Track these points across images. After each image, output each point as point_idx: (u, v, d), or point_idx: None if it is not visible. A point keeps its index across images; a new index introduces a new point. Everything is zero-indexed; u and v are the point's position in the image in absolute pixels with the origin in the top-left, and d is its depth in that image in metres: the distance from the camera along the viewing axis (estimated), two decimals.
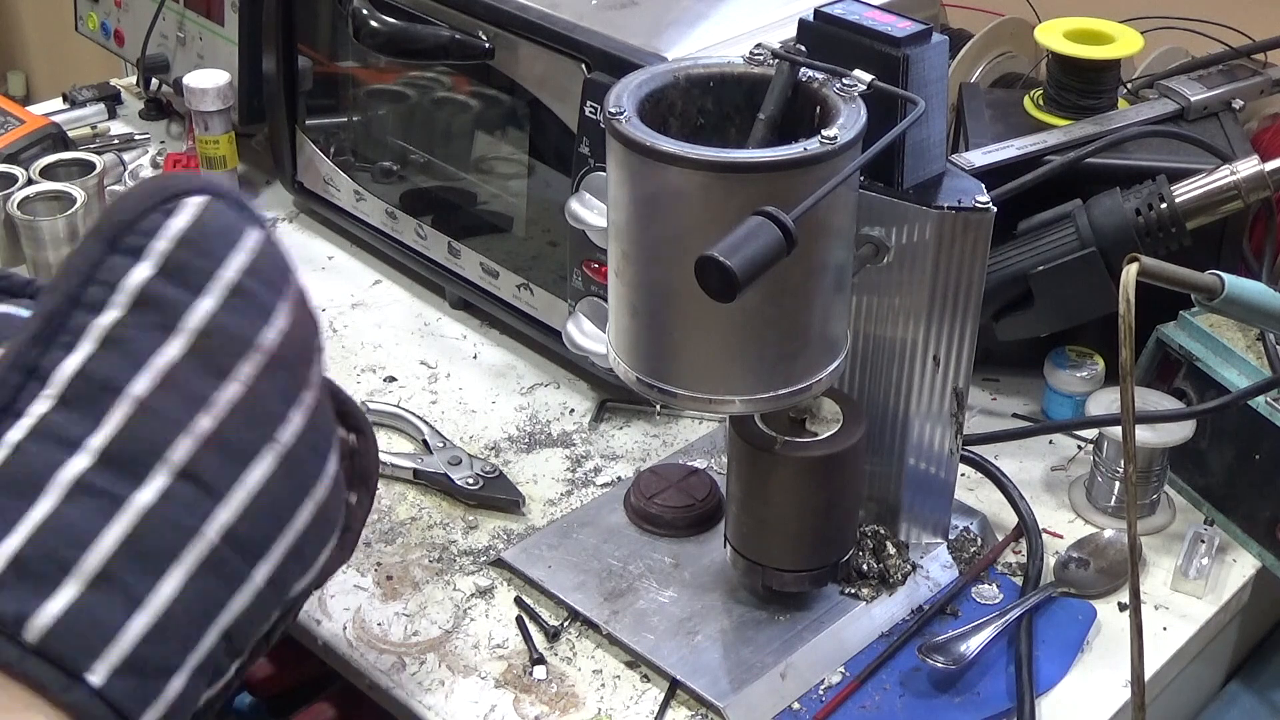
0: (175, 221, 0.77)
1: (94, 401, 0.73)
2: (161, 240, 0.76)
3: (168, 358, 0.75)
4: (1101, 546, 1.07)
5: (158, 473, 0.73)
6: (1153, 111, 1.22)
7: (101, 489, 0.71)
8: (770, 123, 0.88)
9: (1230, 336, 1.10)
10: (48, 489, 0.70)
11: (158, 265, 0.76)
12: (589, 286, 1.17)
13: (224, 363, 0.77)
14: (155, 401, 0.74)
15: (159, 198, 0.78)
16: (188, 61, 1.58)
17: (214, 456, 0.75)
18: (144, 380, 0.74)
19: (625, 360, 0.90)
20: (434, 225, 1.34)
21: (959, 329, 0.95)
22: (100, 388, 0.73)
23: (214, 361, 0.76)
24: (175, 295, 0.76)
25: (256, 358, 0.78)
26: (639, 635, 0.97)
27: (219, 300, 0.77)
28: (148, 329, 0.75)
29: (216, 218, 0.79)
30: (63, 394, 0.72)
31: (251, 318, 0.78)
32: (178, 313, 0.76)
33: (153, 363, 0.74)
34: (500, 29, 1.19)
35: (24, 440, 0.71)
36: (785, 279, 0.81)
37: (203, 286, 0.77)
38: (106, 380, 0.73)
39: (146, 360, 0.74)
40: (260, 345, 0.78)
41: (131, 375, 0.74)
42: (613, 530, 1.06)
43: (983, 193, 0.92)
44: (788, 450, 0.93)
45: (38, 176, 1.42)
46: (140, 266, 0.75)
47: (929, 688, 0.96)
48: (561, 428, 1.21)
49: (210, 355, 0.76)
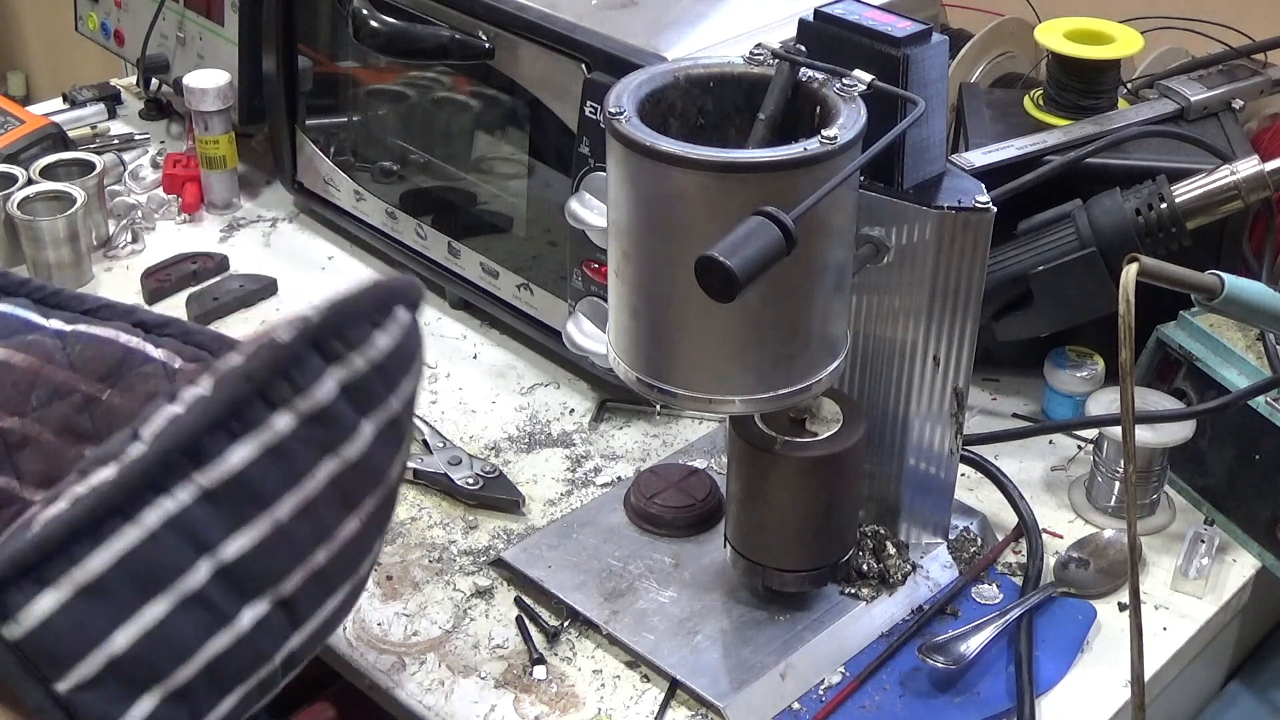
0: (380, 339, 0.76)
1: (239, 509, 0.71)
2: (360, 358, 0.75)
3: (316, 483, 0.74)
4: (1101, 546, 1.07)
5: (264, 599, 0.73)
6: (1153, 111, 1.22)
7: (214, 604, 0.71)
8: (770, 123, 0.88)
9: (1230, 336, 1.10)
10: (168, 591, 0.69)
11: (346, 383, 0.75)
12: (589, 286, 1.17)
13: (355, 496, 0.77)
14: (291, 528, 0.73)
15: (375, 306, 0.77)
16: (188, 61, 1.58)
17: (313, 589, 0.75)
18: (289, 504, 0.73)
19: (625, 360, 0.90)
20: (434, 225, 1.34)
21: (959, 329, 0.95)
22: (250, 498, 0.72)
23: (349, 494, 0.76)
24: (348, 420, 0.75)
25: (380, 491, 0.79)
26: (639, 635, 0.97)
27: (376, 430, 0.77)
28: (312, 447, 0.74)
29: (409, 339, 0.78)
30: (213, 490, 0.71)
31: (391, 449, 0.79)
32: (341, 438, 0.75)
33: (303, 486, 0.73)
34: (500, 29, 1.19)
35: (161, 529, 0.69)
36: (785, 279, 0.81)
37: (372, 414, 0.76)
38: (258, 493, 0.72)
39: (299, 481, 0.73)
40: (387, 479, 0.79)
41: (280, 494, 0.73)
42: (613, 530, 1.06)
43: (983, 193, 0.92)
44: (788, 450, 0.93)
45: (38, 176, 1.42)
46: (331, 380, 0.74)
47: (929, 688, 0.96)
48: (561, 428, 1.21)
49: (349, 487, 0.76)
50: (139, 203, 1.53)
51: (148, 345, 0.90)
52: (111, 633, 0.67)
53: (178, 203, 1.53)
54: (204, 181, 1.52)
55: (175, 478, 0.69)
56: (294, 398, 0.73)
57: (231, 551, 0.71)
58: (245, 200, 1.56)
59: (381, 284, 0.77)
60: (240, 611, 0.71)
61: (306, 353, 0.73)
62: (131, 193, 1.55)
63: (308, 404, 0.73)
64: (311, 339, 0.73)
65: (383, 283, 0.78)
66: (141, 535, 0.68)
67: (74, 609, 0.66)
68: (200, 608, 0.70)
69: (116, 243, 1.46)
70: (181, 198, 1.53)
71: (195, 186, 1.53)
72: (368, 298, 0.76)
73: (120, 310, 0.93)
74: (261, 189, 1.58)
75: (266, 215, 1.54)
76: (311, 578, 0.75)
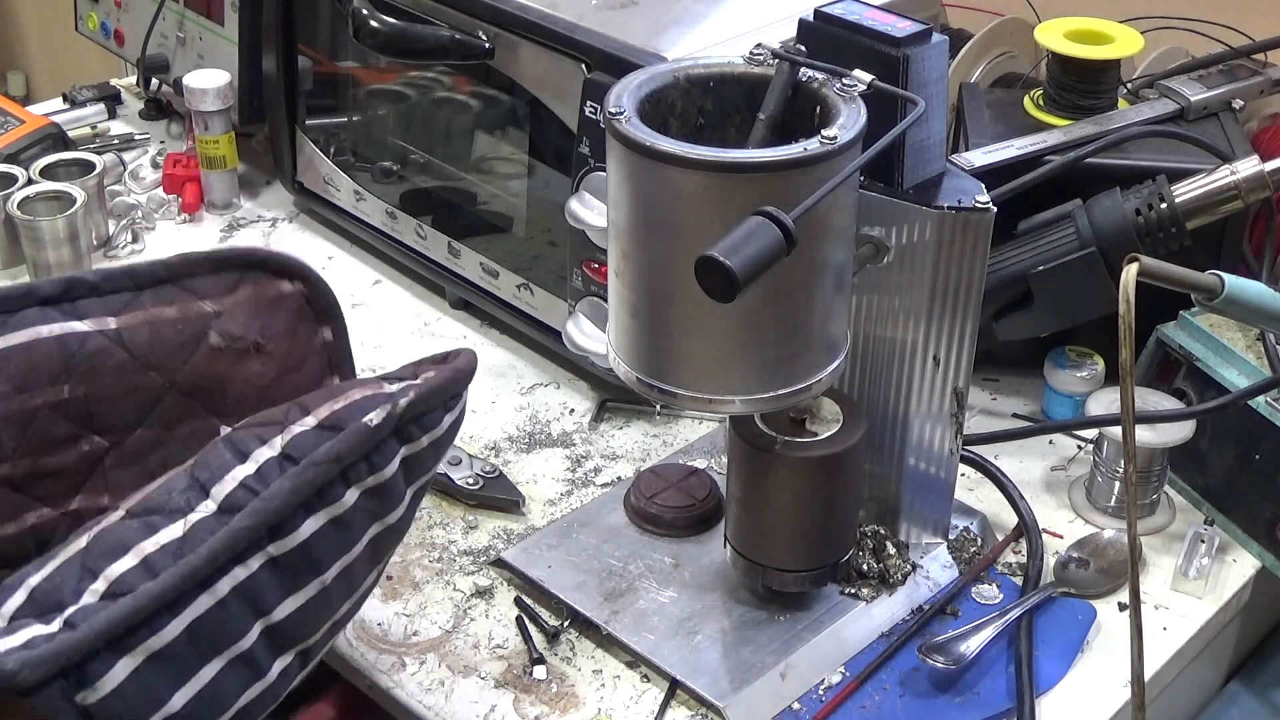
0: (446, 419, 0.79)
1: (297, 575, 0.74)
2: (427, 438, 0.78)
3: (360, 547, 0.77)
4: (1101, 546, 1.07)
5: (293, 650, 0.75)
6: (1153, 111, 1.22)
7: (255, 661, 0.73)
8: (770, 123, 0.88)
9: (1230, 336, 1.10)
10: (224, 653, 0.71)
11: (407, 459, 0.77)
12: (589, 286, 1.17)
13: (384, 552, 0.80)
14: (332, 589, 0.76)
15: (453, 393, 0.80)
16: (188, 61, 1.58)
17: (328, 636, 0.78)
18: (336, 568, 0.75)
19: (625, 360, 0.90)
20: (434, 225, 1.34)
21: (959, 329, 0.95)
22: (308, 566, 0.74)
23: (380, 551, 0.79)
24: (398, 491, 0.78)
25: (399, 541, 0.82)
26: (639, 635, 0.97)
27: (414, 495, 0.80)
28: (368, 517, 0.77)
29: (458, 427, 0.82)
30: (280, 558, 0.73)
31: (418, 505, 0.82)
32: (389, 508, 0.78)
33: (351, 551, 0.76)
34: (500, 29, 1.19)
35: (230, 596, 0.71)
36: (785, 279, 0.81)
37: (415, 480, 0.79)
38: (317, 561, 0.74)
39: (350, 549, 0.76)
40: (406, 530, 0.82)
41: (334, 561, 0.75)
42: (613, 530, 1.06)
43: (983, 193, 0.92)
44: (788, 450, 0.93)
45: (38, 176, 1.43)
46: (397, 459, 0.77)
47: (929, 688, 0.96)
48: (561, 428, 1.21)
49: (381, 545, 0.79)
50: (139, 203, 1.53)
51: (71, 322, 0.87)
52: (172, 695, 0.69)
53: (178, 203, 1.53)
54: (204, 181, 1.52)
55: (254, 550, 0.72)
56: (365, 476, 0.75)
57: (282, 613, 0.73)
58: (245, 200, 1.56)
59: (458, 371, 0.80)
60: (273, 664, 0.74)
61: (388, 435, 0.76)
62: (131, 193, 1.55)
63: (372, 481, 0.76)
64: (398, 425, 0.76)
65: (460, 369, 0.80)
66: (212, 603, 0.70)
67: (143, 674, 0.68)
68: (245, 665, 0.72)
69: (116, 243, 1.46)
70: (181, 198, 1.53)
71: (195, 186, 1.53)
72: (448, 385, 0.79)
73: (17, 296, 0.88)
74: (261, 189, 1.58)
75: (266, 215, 1.54)
76: (331, 627, 0.78)
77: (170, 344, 0.88)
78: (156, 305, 0.89)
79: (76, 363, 0.86)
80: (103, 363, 0.87)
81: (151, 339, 0.88)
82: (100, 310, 0.88)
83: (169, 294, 0.89)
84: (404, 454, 0.77)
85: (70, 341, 0.86)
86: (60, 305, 0.88)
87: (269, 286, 0.90)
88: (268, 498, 0.72)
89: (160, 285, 0.89)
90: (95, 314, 0.88)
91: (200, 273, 0.90)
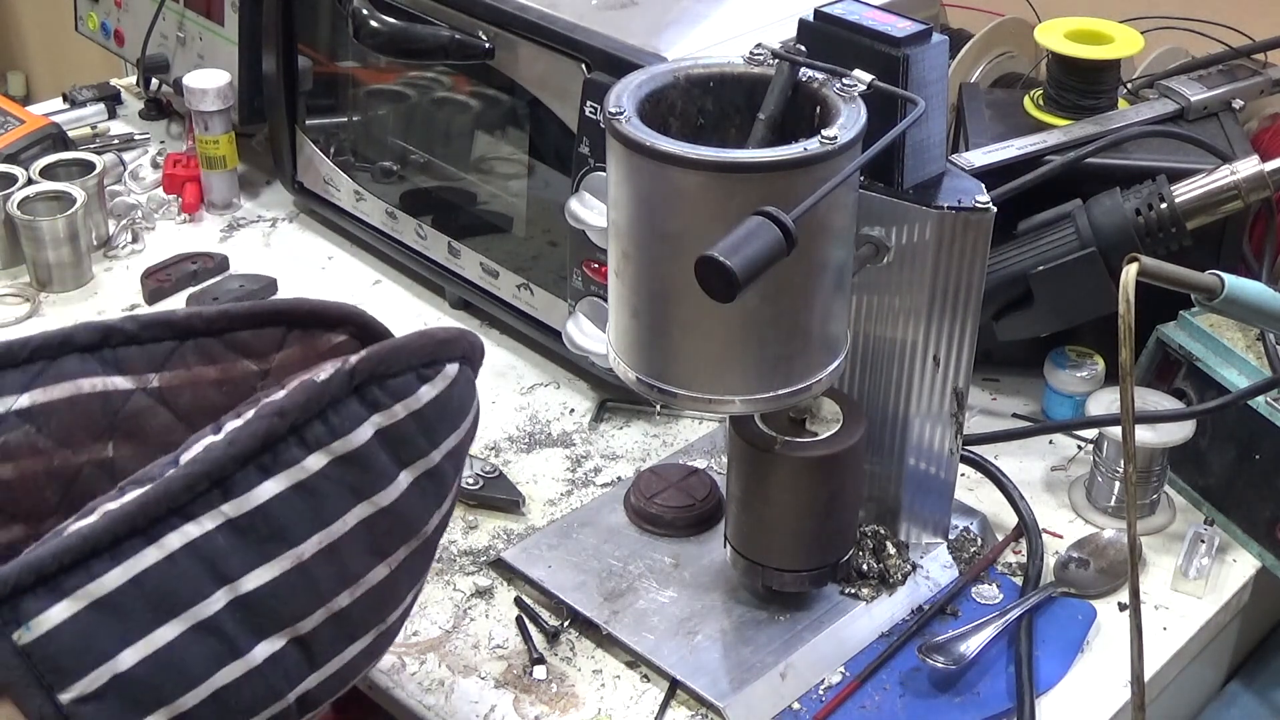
0: (425, 391, 0.76)
1: (262, 544, 0.71)
2: (401, 406, 0.75)
3: (344, 525, 0.74)
4: (1101, 546, 1.07)
5: (280, 635, 0.72)
6: (1153, 111, 1.22)
7: (226, 635, 0.70)
8: (770, 123, 0.88)
9: (1230, 336, 1.10)
10: (181, 616, 0.69)
11: (384, 429, 0.75)
12: (589, 286, 1.17)
13: (386, 544, 0.76)
14: (313, 567, 0.73)
15: (424, 359, 0.76)
16: (188, 61, 1.58)
17: (333, 631, 0.75)
18: (313, 543, 0.73)
19: (625, 360, 0.90)
20: (434, 225, 1.34)
21: (959, 329, 0.95)
22: (273, 533, 0.72)
23: (379, 541, 0.76)
24: (382, 465, 0.75)
25: (413, 542, 0.78)
26: (639, 635, 0.97)
27: (413, 480, 0.76)
28: (342, 488, 0.74)
29: (457, 393, 0.78)
30: (237, 520, 0.71)
31: (429, 502, 0.78)
32: (375, 484, 0.75)
33: (330, 528, 0.73)
34: (500, 29, 1.19)
35: (181, 553, 0.69)
36: (785, 279, 0.81)
37: (410, 463, 0.76)
38: (283, 528, 0.72)
39: (326, 522, 0.73)
40: (423, 532, 0.78)
41: (306, 534, 0.72)
42: (613, 530, 1.06)
43: (983, 193, 0.92)
44: (788, 450, 0.93)
45: (38, 176, 1.43)
46: (368, 425, 0.74)
47: (929, 688, 0.96)
48: (561, 428, 1.21)
49: (379, 533, 0.76)
50: (139, 203, 1.53)
51: (113, 379, 0.85)
52: (120, 651, 0.67)
53: (178, 203, 1.53)
54: (204, 181, 1.52)
55: (201, 505, 0.70)
56: (329, 440, 0.73)
57: (250, 584, 0.71)
58: (245, 200, 1.56)
59: (431, 335, 0.77)
60: (254, 645, 0.71)
61: (345, 396, 0.73)
62: (131, 193, 1.55)
63: (340, 446, 0.73)
64: (351, 383, 0.73)
65: (432, 334, 0.78)
66: (160, 557, 0.68)
67: (84, 622, 0.66)
68: (212, 636, 0.70)
69: (116, 243, 1.46)
70: (181, 198, 1.53)
71: (195, 186, 1.53)
72: (414, 348, 0.76)
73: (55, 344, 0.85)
74: (261, 189, 1.58)
75: (266, 215, 1.54)
76: (332, 619, 0.74)
77: (216, 407, 0.84)
78: (199, 363, 0.86)
79: (120, 421, 0.85)
80: (147, 423, 0.85)
81: (194, 400, 0.85)
82: (142, 363, 0.85)
83: (211, 350, 0.86)
84: (379, 423, 0.74)
85: (114, 400, 0.85)
86: (100, 354, 0.85)
87: (319, 340, 0.87)
88: (209, 448, 0.71)
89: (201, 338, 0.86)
90: (137, 368, 0.85)
91: (241, 328, 0.86)
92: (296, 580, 0.72)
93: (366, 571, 0.76)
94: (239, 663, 0.71)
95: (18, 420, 0.83)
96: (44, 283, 1.39)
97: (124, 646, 0.67)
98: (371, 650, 0.79)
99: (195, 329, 0.86)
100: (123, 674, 0.67)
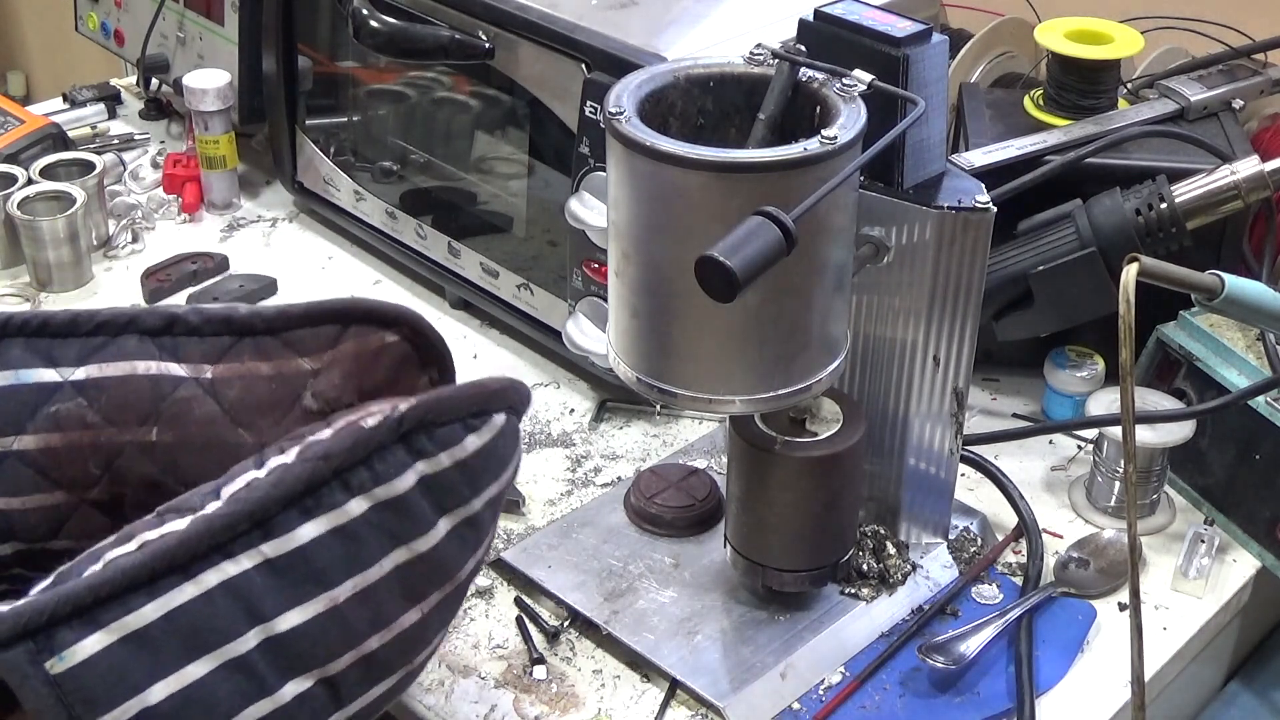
0: (471, 440, 0.76)
1: (298, 585, 0.72)
2: (447, 456, 0.75)
3: (381, 571, 0.74)
4: (1101, 546, 1.07)
5: (310, 676, 0.72)
6: (1153, 111, 1.22)
7: (257, 674, 0.70)
8: (770, 123, 0.88)
9: (1230, 336, 1.10)
10: (213, 653, 0.69)
11: (428, 477, 0.75)
12: (589, 286, 1.17)
13: (420, 589, 0.76)
14: (347, 610, 0.73)
15: (473, 410, 0.77)
16: (188, 61, 1.59)
17: (361, 672, 0.75)
18: (348, 586, 0.73)
19: (625, 360, 0.90)
20: (434, 225, 1.34)
21: (959, 329, 0.95)
22: (310, 575, 0.72)
23: (414, 585, 0.76)
24: (422, 512, 0.75)
25: (447, 587, 0.78)
26: (639, 635, 0.97)
27: (451, 526, 0.77)
28: (381, 534, 0.74)
29: (501, 443, 0.78)
30: (275, 560, 0.71)
31: (466, 549, 0.79)
32: (414, 531, 0.75)
33: (366, 572, 0.73)
34: (500, 29, 1.19)
35: (218, 591, 0.69)
36: (785, 279, 0.81)
37: (450, 511, 0.76)
38: (320, 571, 0.72)
39: (363, 567, 0.73)
40: (457, 576, 0.79)
41: (343, 577, 0.73)
42: (613, 530, 1.06)
43: (983, 193, 0.92)
44: (788, 450, 0.93)
45: (38, 176, 1.43)
46: (411, 472, 0.74)
47: (929, 688, 0.96)
48: (561, 428, 1.21)
49: (414, 579, 0.76)
50: (139, 203, 1.53)
51: (169, 365, 0.86)
52: (150, 685, 0.67)
53: (178, 203, 1.53)
54: (204, 181, 1.52)
55: (241, 545, 0.70)
56: (372, 485, 0.73)
57: (284, 625, 0.71)
58: (245, 200, 1.56)
59: (482, 386, 0.78)
60: (283, 685, 0.71)
61: (391, 444, 0.74)
62: (131, 193, 1.55)
63: (383, 492, 0.73)
64: (399, 430, 0.74)
65: (483, 385, 0.78)
66: (196, 593, 0.69)
67: (117, 654, 0.67)
68: (242, 674, 0.70)
69: (116, 243, 1.46)
70: (181, 198, 1.53)
71: (195, 186, 1.53)
72: (464, 399, 0.76)
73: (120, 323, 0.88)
74: (261, 189, 1.58)
75: (266, 215, 1.54)
76: (361, 661, 0.75)
77: (262, 403, 0.86)
78: (255, 359, 0.86)
79: (166, 407, 0.85)
80: (191, 412, 0.85)
81: (242, 394, 0.86)
82: (199, 354, 0.86)
83: (267, 347, 0.86)
84: (423, 471, 0.75)
85: (164, 385, 0.85)
86: (160, 340, 0.86)
87: (372, 338, 0.87)
88: (252, 488, 0.71)
89: (259, 336, 0.87)
90: (194, 357, 0.86)
91: (298, 326, 0.87)
92: (329, 622, 0.73)
93: (398, 615, 0.76)
94: (267, 700, 0.71)
95: (73, 391, 0.85)
96: (44, 283, 1.39)
97: (154, 681, 0.67)
98: (396, 689, 0.79)
99: (255, 328, 0.87)
100: (151, 708, 0.67)
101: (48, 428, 0.84)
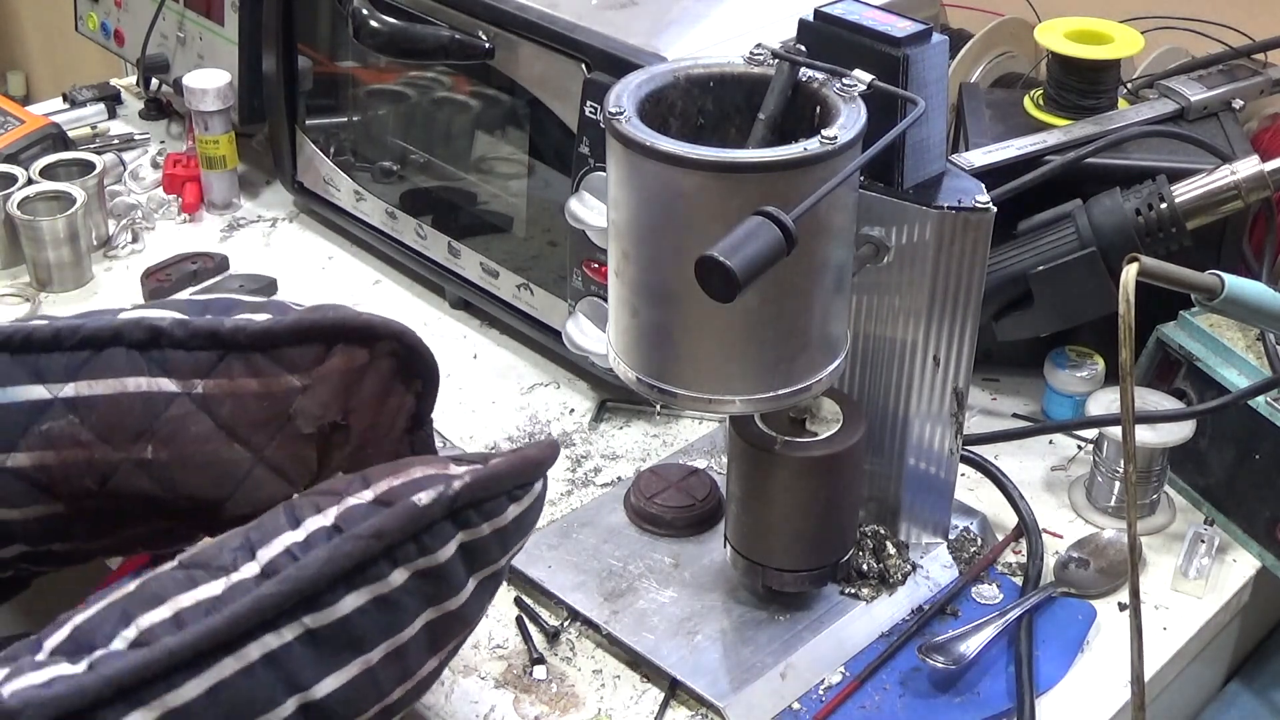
0: (512, 510, 0.77)
1: (337, 653, 0.72)
2: (488, 525, 0.76)
3: (413, 631, 0.75)
4: (1101, 546, 1.07)
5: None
6: (1153, 111, 1.22)
7: None
8: (770, 123, 0.88)
9: (1230, 336, 1.10)
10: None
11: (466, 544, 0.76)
12: (589, 286, 1.17)
13: (443, 640, 0.77)
14: (379, 669, 0.74)
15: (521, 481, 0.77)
16: (188, 61, 1.59)
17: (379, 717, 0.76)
18: (382, 649, 0.73)
19: (625, 360, 0.90)
20: (434, 225, 1.34)
21: (959, 329, 0.95)
22: (350, 643, 0.72)
23: (438, 638, 0.77)
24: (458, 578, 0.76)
25: (464, 633, 0.79)
26: (639, 635, 0.97)
27: (478, 583, 0.78)
28: (419, 599, 0.75)
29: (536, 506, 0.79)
30: (316, 630, 0.71)
31: (486, 598, 0.80)
32: (448, 593, 0.76)
33: (399, 635, 0.74)
34: (500, 29, 1.19)
35: (260, 664, 0.69)
36: (785, 279, 0.81)
37: (478, 570, 0.77)
38: (359, 639, 0.72)
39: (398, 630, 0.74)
40: (472, 622, 0.79)
41: (379, 641, 0.73)
42: (613, 530, 1.06)
43: (983, 193, 0.92)
44: (788, 450, 0.93)
45: (38, 176, 1.43)
46: (454, 542, 0.75)
47: (929, 688, 0.96)
48: (561, 428, 1.21)
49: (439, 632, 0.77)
50: (139, 203, 1.53)
51: (159, 380, 0.85)
52: None
53: (178, 203, 1.53)
54: (204, 181, 1.52)
55: (286, 619, 0.70)
56: (417, 557, 0.74)
57: (321, 691, 0.71)
58: (245, 200, 1.56)
59: (526, 458, 0.78)
60: None
61: (442, 517, 0.74)
62: (131, 193, 1.55)
63: (424, 563, 0.74)
64: (451, 508, 0.74)
65: (526, 456, 0.78)
66: (238, 668, 0.69)
67: None
68: None
69: (116, 243, 1.46)
70: (181, 198, 1.53)
71: (195, 186, 1.53)
72: (514, 473, 0.77)
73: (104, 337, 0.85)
74: (261, 189, 1.58)
75: (266, 215, 1.54)
76: (382, 710, 0.75)
77: (255, 420, 0.85)
78: (243, 375, 0.85)
79: (160, 424, 0.84)
80: (186, 428, 0.85)
81: (234, 411, 0.85)
82: (189, 368, 0.85)
83: (255, 363, 0.86)
84: (462, 539, 0.75)
85: (156, 401, 0.84)
86: (148, 353, 0.85)
87: (359, 354, 0.86)
88: (302, 566, 0.71)
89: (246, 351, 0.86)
90: (184, 372, 0.85)
91: (285, 343, 0.86)
92: (362, 683, 0.73)
93: (420, 666, 0.77)
94: None
95: (64, 408, 0.84)
96: (44, 283, 1.39)
97: None
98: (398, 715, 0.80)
99: (239, 344, 0.86)
100: None
101: (41, 445, 0.83)
